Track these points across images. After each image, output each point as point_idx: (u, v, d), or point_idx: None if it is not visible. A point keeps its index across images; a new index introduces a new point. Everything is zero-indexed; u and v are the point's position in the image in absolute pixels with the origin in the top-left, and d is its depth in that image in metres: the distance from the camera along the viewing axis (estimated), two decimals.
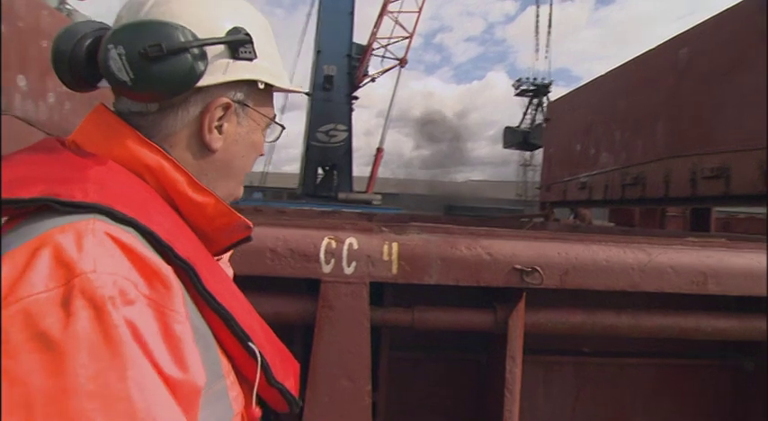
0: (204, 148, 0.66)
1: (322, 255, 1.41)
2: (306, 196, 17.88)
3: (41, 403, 0.40)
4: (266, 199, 17.59)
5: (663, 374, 1.88)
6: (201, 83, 0.61)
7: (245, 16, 0.67)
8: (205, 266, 0.58)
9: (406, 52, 19.21)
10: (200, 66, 0.60)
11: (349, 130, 18.99)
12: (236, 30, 0.64)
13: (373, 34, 19.29)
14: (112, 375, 0.42)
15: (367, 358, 1.41)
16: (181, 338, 0.50)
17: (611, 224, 7.61)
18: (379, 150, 18.65)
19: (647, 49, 5.76)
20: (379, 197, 18.04)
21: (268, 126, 0.75)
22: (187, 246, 0.57)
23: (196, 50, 0.59)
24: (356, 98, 19.88)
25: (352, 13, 19.20)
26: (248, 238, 0.75)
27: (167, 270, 0.51)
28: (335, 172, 19.04)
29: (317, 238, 1.41)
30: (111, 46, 0.57)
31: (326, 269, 1.41)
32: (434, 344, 1.80)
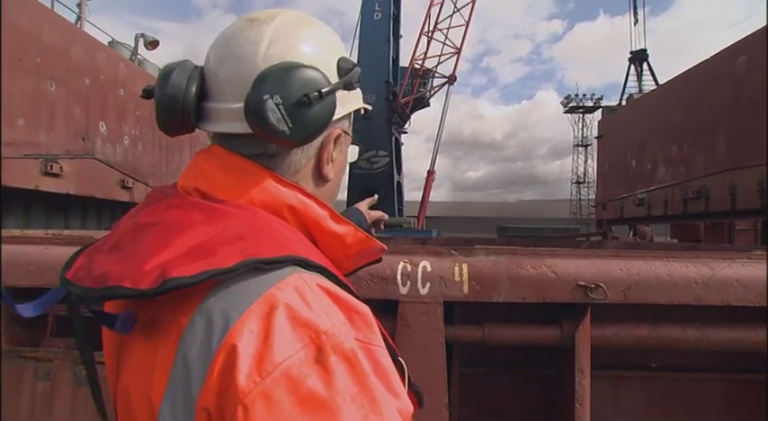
0: (321, 179, 0.69)
1: (399, 278, 1.55)
2: None
3: None
4: None
5: (735, 389, 1.87)
6: None
7: (338, 42, 0.68)
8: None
9: (454, 69, 19.04)
10: (337, 104, 0.62)
11: (390, 155, 19.09)
12: (344, 61, 0.66)
13: (413, 56, 19.50)
14: (375, 419, 0.46)
15: (443, 372, 1.53)
16: (388, 370, 0.52)
17: (674, 240, 7.38)
18: (430, 173, 18.55)
19: (701, 59, 5.67)
20: (410, 221, 17.95)
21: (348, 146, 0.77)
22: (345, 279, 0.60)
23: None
24: (400, 124, 20.14)
25: (389, 40, 19.56)
26: (378, 260, 0.78)
27: (366, 308, 0.54)
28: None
29: (393, 263, 1.56)
30: (266, 96, 0.56)
31: (403, 290, 1.55)
32: (502, 360, 1.89)
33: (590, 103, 32.29)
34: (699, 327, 1.61)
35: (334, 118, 0.64)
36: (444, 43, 19.08)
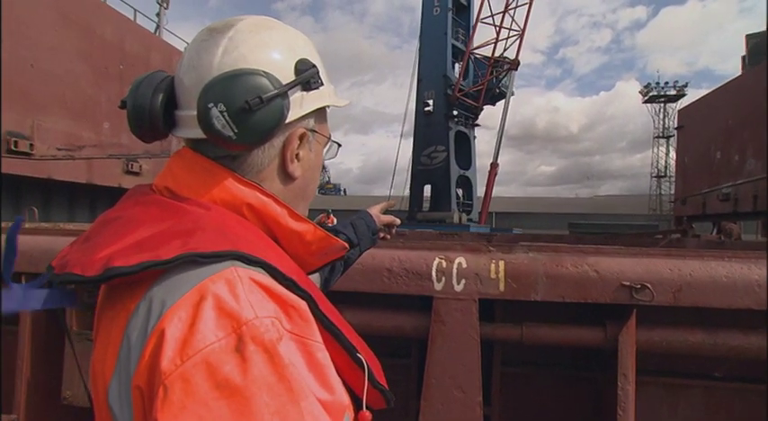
0: (287, 178, 0.70)
1: (434, 274, 1.55)
2: (409, 219, 18.19)
3: None
4: None
5: None
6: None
7: (298, 44, 0.70)
8: (313, 291, 0.61)
9: (518, 53, 18.13)
10: (287, 106, 0.64)
11: (447, 150, 18.87)
12: (302, 63, 0.67)
13: (469, 43, 18.93)
14: (291, 409, 0.48)
15: (477, 370, 1.51)
16: (323, 364, 0.55)
17: (766, 239, 6.73)
18: (493, 166, 17.95)
19: None
20: (458, 215, 17.50)
21: (326, 144, 0.78)
22: (298, 275, 0.61)
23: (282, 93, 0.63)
24: (468, 117, 19.73)
25: (446, 34, 19.21)
26: (341, 257, 0.79)
27: (303, 304, 0.56)
28: (435, 192, 19.13)
29: (429, 258, 1.56)
30: (210, 105, 0.59)
31: (438, 286, 1.54)
32: (545, 361, 1.83)
33: (672, 92, 30.00)
34: (764, 334, 1.48)
35: (290, 119, 0.65)
36: (503, 26, 18.14)
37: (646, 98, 30.68)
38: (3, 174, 3.84)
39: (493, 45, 18.50)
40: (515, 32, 17.94)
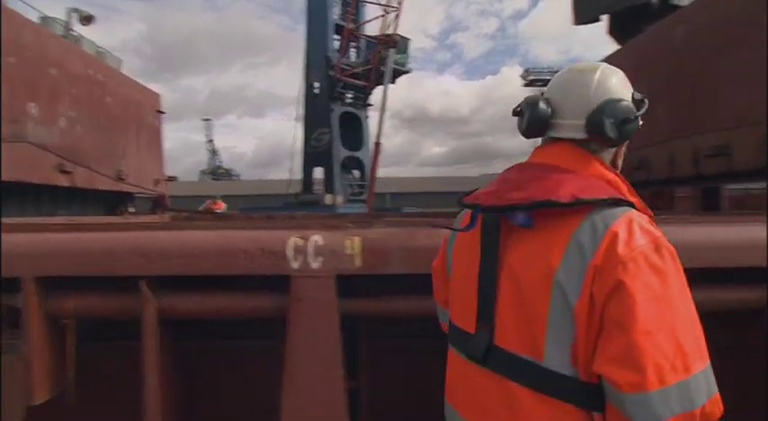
0: (614, 167, 1.04)
1: (290, 253, 1.52)
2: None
3: (664, 299, 0.79)
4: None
5: None
6: None
7: (628, 84, 1.03)
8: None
9: (395, 29, 17.87)
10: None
11: (331, 132, 18.92)
12: (635, 94, 1.02)
13: (348, 21, 18.76)
14: (684, 288, 0.83)
15: (337, 345, 1.52)
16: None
17: None
18: (377, 145, 18.01)
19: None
20: (330, 196, 17.85)
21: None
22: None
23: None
24: (359, 98, 19.69)
25: (327, 13, 18.97)
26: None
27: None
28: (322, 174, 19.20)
29: (283, 237, 1.52)
30: (605, 118, 0.94)
31: (295, 265, 1.51)
32: (414, 332, 1.89)
33: (548, 77, 32.42)
34: None
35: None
36: (386, 5, 18.02)
37: (526, 81, 32.85)
38: None
39: (381, 24, 18.46)
40: (394, 10, 17.97)
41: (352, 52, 20.41)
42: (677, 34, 5.20)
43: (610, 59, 6.67)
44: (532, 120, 0.99)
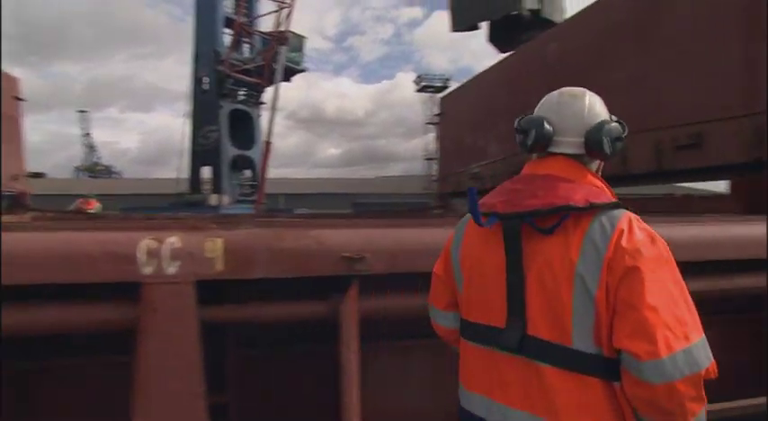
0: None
1: (141, 257, 1.35)
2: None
3: (663, 281, 0.95)
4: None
5: None
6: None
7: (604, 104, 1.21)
8: None
9: (286, 28, 17.22)
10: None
11: (219, 130, 18.26)
12: (611, 116, 1.18)
13: (239, 15, 18.17)
14: (676, 268, 0.99)
15: (196, 358, 1.38)
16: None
17: None
18: (267, 144, 17.46)
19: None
20: (215, 197, 17.43)
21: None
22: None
23: None
24: (252, 96, 19.04)
25: (215, 6, 18.30)
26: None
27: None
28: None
29: (133, 240, 1.35)
30: (604, 137, 1.11)
31: (147, 271, 1.35)
32: (285, 339, 1.79)
33: (439, 84, 33.88)
34: None
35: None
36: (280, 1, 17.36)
37: (418, 87, 34.08)
38: None
39: (275, 20, 17.93)
40: (287, 6, 17.59)
41: (246, 48, 19.66)
42: (551, 50, 5.62)
43: (494, 67, 7.06)
44: (539, 137, 1.13)
